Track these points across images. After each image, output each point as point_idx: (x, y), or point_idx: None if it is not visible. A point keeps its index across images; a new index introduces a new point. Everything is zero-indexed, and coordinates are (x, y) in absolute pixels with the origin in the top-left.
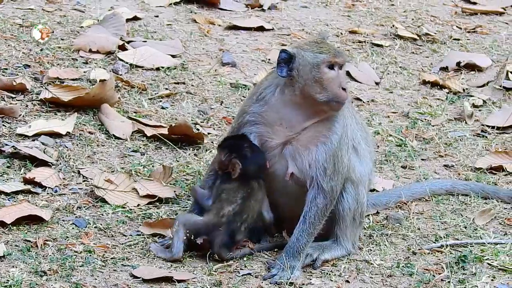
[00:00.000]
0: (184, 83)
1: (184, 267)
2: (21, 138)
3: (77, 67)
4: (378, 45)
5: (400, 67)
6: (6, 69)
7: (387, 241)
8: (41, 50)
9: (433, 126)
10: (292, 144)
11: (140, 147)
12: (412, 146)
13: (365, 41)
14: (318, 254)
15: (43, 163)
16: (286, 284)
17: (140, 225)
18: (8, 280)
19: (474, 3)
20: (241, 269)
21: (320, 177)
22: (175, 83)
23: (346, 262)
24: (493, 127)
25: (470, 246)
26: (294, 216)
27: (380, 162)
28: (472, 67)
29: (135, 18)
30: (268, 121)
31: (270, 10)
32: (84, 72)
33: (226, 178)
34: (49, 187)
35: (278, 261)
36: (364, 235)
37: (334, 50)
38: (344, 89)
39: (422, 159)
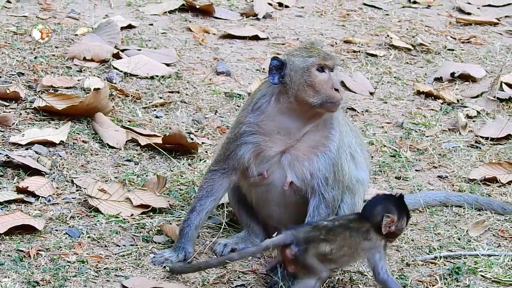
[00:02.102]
0: (178, 92)
1: (176, 278)
2: (14, 146)
3: (71, 75)
4: (372, 55)
5: (394, 77)
6: (0, 77)
7: None
8: (35, 58)
9: (427, 136)
10: (291, 153)
11: (134, 157)
12: (406, 157)
13: (359, 51)
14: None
15: (37, 172)
16: None
17: (134, 235)
18: None
19: (469, 14)
20: (234, 280)
21: (322, 187)
22: (169, 92)
23: (340, 274)
24: (487, 138)
25: (464, 258)
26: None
27: (374, 173)
28: (466, 77)
29: (130, 27)
30: (266, 131)
31: (265, 19)
32: (78, 80)
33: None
34: (42, 197)
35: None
36: None
37: (323, 53)
38: (336, 89)
39: (416, 170)
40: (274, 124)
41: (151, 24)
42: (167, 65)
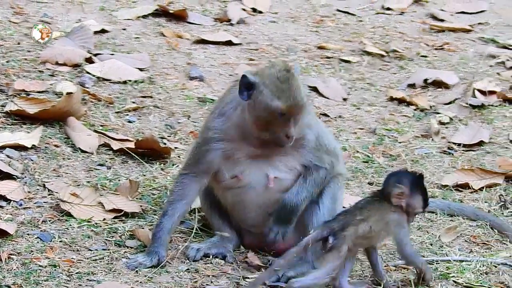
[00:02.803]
0: (151, 96)
1: (149, 282)
2: None
3: (43, 80)
4: (346, 61)
5: (367, 83)
6: None
7: (355, 258)
8: (7, 61)
9: (400, 142)
10: (264, 154)
11: (106, 161)
12: (379, 163)
13: (333, 57)
14: (284, 271)
15: (8, 176)
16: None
17: (106, 239)
18: None
19: (442, 20)
20: (207, 284)
21: (315, 158)
22: (142, 96)
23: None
24: (459, 145)
25: (436, 263)
26: (267, 227)
27: (347, 179)
28: (439, 84)
29: (103, 31)
30: (232, 137)
31: (238, 24)
32: (51, 84)
33: None
34: (13, 201)
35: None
36: None
37: (292, 99)
38: (288, 137)
39: None
40: (239, 132)
41: (124, 29)
42: (140, 69)
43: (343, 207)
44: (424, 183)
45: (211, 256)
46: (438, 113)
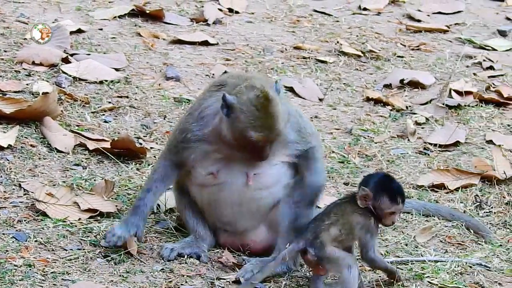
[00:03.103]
0: (127, 97)
1: (123, 282)
2: None
3: (19, 80)
4: (322, 61)
5: (344, 83)
6: None
7: None
8: None
9: (376, 143)
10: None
11: (82, 161)
12: (354, 163)
13: (309, 57)
14: (258, 270)
15: None
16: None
17: (82, 239)
18: None
19: (419, 21)
20: (181, 284)
21: (302, 144)
22: (118, 96)
23: (286, 279)
24: (435, 145)
25: (411, 264)
26: (246, 230)
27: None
28: (415, 84)
29: (79, 31)
30: (210, 141)
31: (215, 24)
32: (27, 84)
33: None
34: None
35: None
36: None
37: (268, 129)
38: (262, 157)
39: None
40: (218, 137)
41: (101, 29)
42: (116, 70)
43: (318, 207)
44: (390, 183)
45: (185, 256)
46: (414, 113)
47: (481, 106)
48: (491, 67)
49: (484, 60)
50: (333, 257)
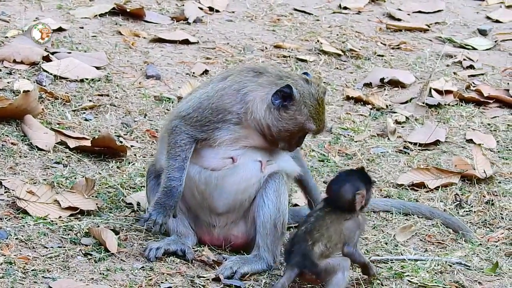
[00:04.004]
0: (108, 95)
1: (104, 280)
2: None
3: (0, 78)
4: (302, 60)
5: (324, 82)
6: None
7: None
8: None
9: (356, 142)
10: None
11: (62, 159)
12: (334, 162)
13: (289, 56)
14: (238, 267)
15: None
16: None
17: (62, 237)
18: None
19: (399, 20)
20: (162, 282)
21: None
22: (99, 95)
23: (267, 277)
24: (415, 144)
25: (391, 262)
26: (231, 223)
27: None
28: (395, 83)
29: (60, 29)
30: (246, 125)
31: (195, 23)
32: (8, 82)
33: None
34: None
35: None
36: None
37: (323, 123)
38: (296, 146)
39: None
40: (255, 124)
41: (82, 27)
42: (97, 68)
43: (297, 205)
44: (363, 173)
45: (171, 253)
46: (394, 112)
47: (461, 105)
48: (471, 66)
49: (464, 59)
50: (329, 267)
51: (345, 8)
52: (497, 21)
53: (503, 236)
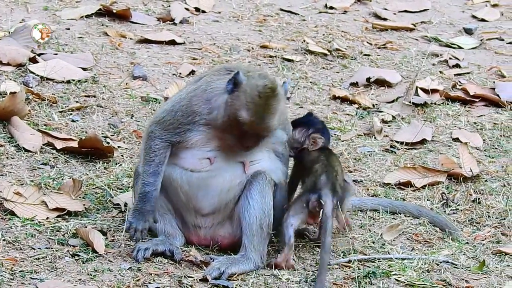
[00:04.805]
0: (94, 96)
1: (91, 281)
2: None
3: None
4: (289, 60)
5: (310, 82)
6: None
7: (296, 255)
8: None
9: (343, 141)
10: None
11: (50, 160)
12: None
13: (276, 56)
14: (225, 268)
15: None
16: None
17: (50, 238)
18: None
19: (385, 19)
20: (149, 282)
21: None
22: (85, 96)
23: (254, 277)
24: (402, 143)
25: (378, 261)
26: (218, 223)
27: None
28: (382, 82)
29: None
30: (215, 124)
31: (181, 24)
32: None
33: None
34: None
35: None
36: (272, 250)
37: (259, 119)
38: (246, 146)
39: None
40: (221, 122)
41: (68, 29)
42: (84, 69)
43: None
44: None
45: (159, 253)
46: (380, 111)
47: (448, 104)
48: (457, 65)
49: (450, 58)
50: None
51: (331, 7)
52: (483, 20)
53: (490, 235)
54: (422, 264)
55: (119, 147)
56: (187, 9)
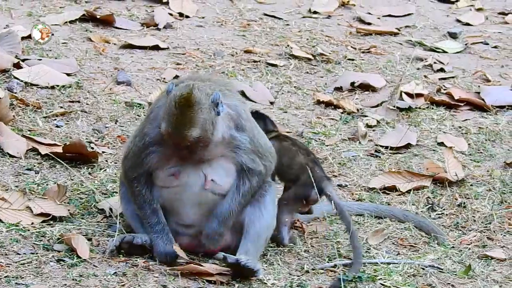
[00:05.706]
0: (79, 101)
1: (77, 286)
2: None
3: None
4: (272, 65)
5: (294, 87)
6: None
7: (281, 260)
8: None
9: (327, 146)
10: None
11: (34, 166)
12: None
13: (260, 61)
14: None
15: None
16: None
17: (35, 243)
18: None
19: (369, 24)
20: (134, 287)
21: (250, 160)
22: (70, 101)
23: (239, 281)
24: (386, 147)
25: (364, 266)
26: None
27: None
28: (366, 87)
29: (31, 36)
30: (166, 142)
31: (165, 29)
32: None
33: None
34: None
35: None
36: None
37: (173, 128)
38: (181, 157)
39: None
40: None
41: (52, 34)
42: (68, 74)
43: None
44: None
45: (139, 245)
46: (365, 116)
47: (432, 108)
48: (441, 69)
49: (434, 63)
50: None
51: (315, 12)
52: (467, 24)
53: (476, 239)
54: (407, 269)
55: (103, 152)
56: (170, 14)
